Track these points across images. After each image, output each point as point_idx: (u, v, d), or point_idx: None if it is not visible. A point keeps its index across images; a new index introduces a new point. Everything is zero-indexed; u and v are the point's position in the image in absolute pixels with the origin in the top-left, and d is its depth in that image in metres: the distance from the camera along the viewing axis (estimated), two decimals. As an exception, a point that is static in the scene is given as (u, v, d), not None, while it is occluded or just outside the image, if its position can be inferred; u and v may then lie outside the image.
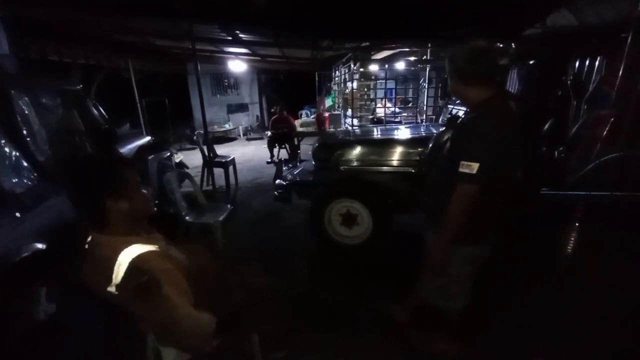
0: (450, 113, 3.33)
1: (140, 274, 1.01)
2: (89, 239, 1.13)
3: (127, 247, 1.06)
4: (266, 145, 7.71)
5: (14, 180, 1.72)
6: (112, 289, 1.03)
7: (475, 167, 1.19)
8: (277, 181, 3.15)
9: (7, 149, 1.73)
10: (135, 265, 1.02)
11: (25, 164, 1.81)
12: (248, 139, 9.90)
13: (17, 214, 1.65)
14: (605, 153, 2.19)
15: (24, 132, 1.86)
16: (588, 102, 2.48)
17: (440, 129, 2.64)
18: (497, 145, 1.23)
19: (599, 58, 2.53)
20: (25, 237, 1.68)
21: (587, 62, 2.60)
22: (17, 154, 1.77)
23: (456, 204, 1.26)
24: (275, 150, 6.71)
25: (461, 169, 1.22)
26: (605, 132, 2.25)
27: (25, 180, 1.78)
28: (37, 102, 2.06)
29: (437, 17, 3.77)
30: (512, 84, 2.82)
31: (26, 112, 1.93)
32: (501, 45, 2.72)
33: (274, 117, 6.69)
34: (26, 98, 1.94)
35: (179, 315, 1.03)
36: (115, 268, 1.02)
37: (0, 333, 1.50)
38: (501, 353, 1.77)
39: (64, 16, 3.88)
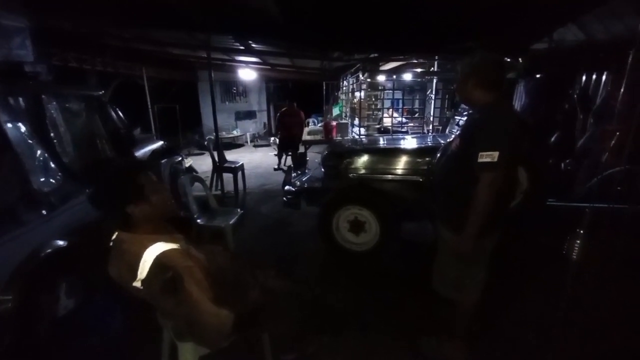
0: (458, 124, 3.39)
1: (165, 270, 1.07)
2: (114, 236, 1.20)
3: (151, 244, 1.12)
4: (273, 153, 7.76)
5: (42, 180, 1.81)
6: (137, 284, 1.09)
7: (495, 155, 1.27)
8: (287, 187, 3.22)
9: (37, 150, 1.83)
10: (160, 261, 1.08)
11: (52, 164, 1.90)
12: (255, 146, 10.03)
13: (44, 212, 1.74)
14: (610, 166, 2.23)
15: (52, 134, 1.97)
16: (594, 116, 2.52)
17: (449, 140, 2.70)
18: (510, 136, 1.33)
19: (605, 73, 2.58)
20: (51, 233, 1.76)
21: (594, 77, 2.66)
22: (46, 155, 1.87)
23: (484, 193, 1.32)
24: (282, 158, 6.72)
25: (481, 160, 1.29)
26: (611, 146, 2.29)
27: (51, 180, 1.87)
28: (64, 106, 2.17)
29: (445, 30, 3.86)
30: (520, 98, 2.88)
31: (54, 115, 2.04)
32: (509, 60, 2.80)
33: (283, 110, 6.38)
34: (54, 102, 2.06)
35: (200, 310, 1.08)
36: (141, 264, 1.09)
37: (27, 327, 1.56)
38: (505, 357, 1.80)
39: (87, 27, 4.05)
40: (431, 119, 6.52)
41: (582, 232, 1.16)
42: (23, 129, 1.81)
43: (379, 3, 3.00)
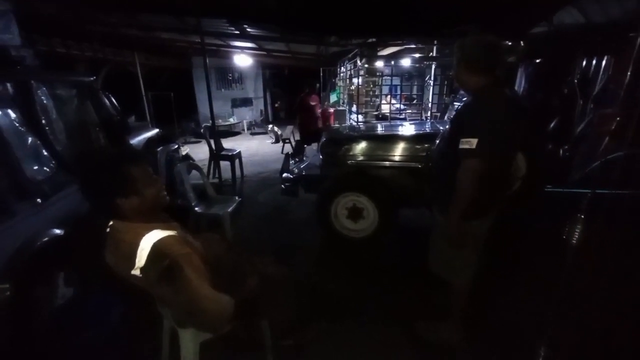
0: (456, 110, 3.36)
1: (162, 257, 1.06)
2: (110, 224, 1.18)
3: (147, 232, 1.10)
4: (270, 141, 7.67)
5: (34, 168, 1.78)
6: (136, 272, 1.07)
7: (474, 142, 1.28)
8: (284, 175, 3.20)
9: (28, 138, 1.79)
10: (157, 249, 1.07)
11: (44, 152, 1.86)
12: (252, 134, 9.95)
13: (38, 200, 1.71)
14: (610, 151, 2.22)
15: (43, 122, 1.92)
16: (594, 100, 2.50)
17: (447, 126, 2.68)
18: (493, 124, 1.32)
19: (605, 57, 2.54)
20: (46, 222, 1.74)
21: (594, 61, 2.62)
22: (38, 143, 1.83)
23: (463, 179, 1.34)
24: (280, 145, 6.61)
25: (461, 146, 1.31)
26: (611, 131, 2.28)
27: (45, 169, 1.84)
28: (54, 93, 2.11)
29: (444, 14, 3.78)
30: (519, 82, 2.84)
31: (44, 102, 1.98)
32: (509, 43, 2.75)
33: (304, 94, 5.58)
34: (44, 89, 2.00)
35: (200, 295, 1.07)
36: (138, 252, 1.07)
37: (25, 317, 1.56)
38: (502, 343, 1.82)
39: (73, 12, 3.91)
40: (429, 105, 6.46)
41: (582, 216, 1.16)
42: (12, 115, 1.76)
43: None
